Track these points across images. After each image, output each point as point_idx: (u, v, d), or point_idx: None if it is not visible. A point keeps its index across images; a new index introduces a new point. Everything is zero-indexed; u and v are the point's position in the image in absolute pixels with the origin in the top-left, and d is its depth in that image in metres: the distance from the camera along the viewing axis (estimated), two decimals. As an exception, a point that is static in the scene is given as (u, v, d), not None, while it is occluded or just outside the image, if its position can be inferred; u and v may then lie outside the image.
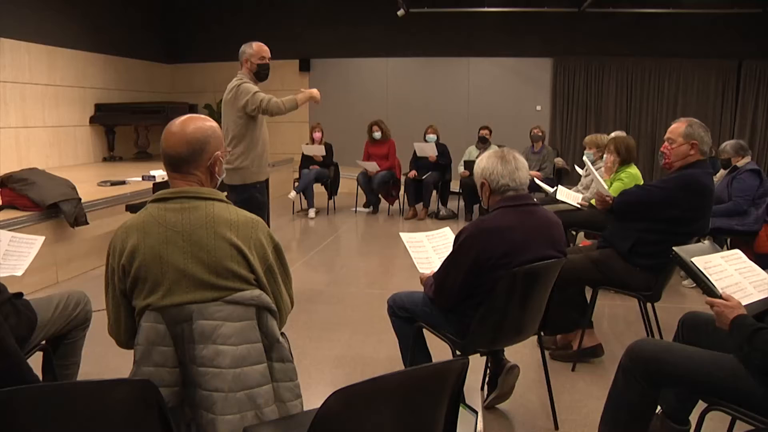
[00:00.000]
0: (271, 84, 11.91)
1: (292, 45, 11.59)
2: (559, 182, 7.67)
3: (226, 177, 4.28)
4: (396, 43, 11.25)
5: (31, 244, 3.21)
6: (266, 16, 11.58)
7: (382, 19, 10.92)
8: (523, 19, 10.59)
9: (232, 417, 1.91)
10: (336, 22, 11.35)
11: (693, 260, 2.40)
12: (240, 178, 4.50)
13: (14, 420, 1.56)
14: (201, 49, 11.92)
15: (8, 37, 8.00)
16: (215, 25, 11.78)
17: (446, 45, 11.12)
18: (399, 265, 6.28)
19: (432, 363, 1.85)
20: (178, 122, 2.05)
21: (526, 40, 10.87)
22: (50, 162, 8.26)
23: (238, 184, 4.48)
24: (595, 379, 3.53)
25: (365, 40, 11.34)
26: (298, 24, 11.49)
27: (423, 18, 10.63)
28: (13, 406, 1.55)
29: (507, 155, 2.75)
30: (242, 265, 1.98)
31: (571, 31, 10.71)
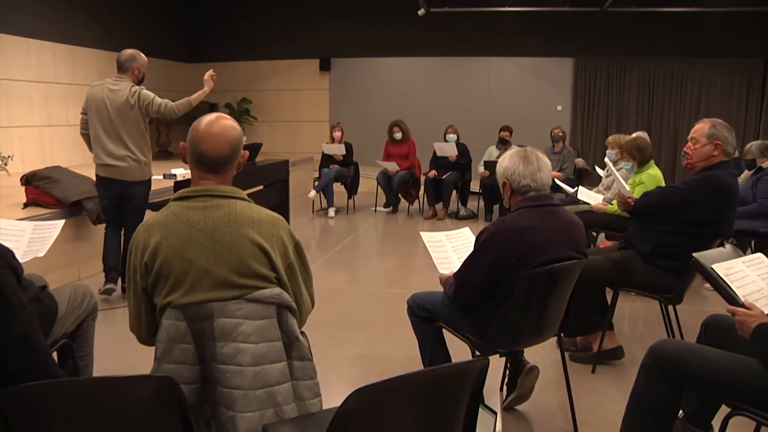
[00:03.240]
0: (291, 83, 12.11)
1: (313, 44, 11.63)
2: (579, 183, 7.62)
3: (136, 173, 4.82)
4: (416, 43, 11.23)
5: (52, 228, 3.26)
6: (287, 15, 11.63)
7: (402, 18, 10.91)
8: (544, 18, 10.53)
9: (251, 414, 1.92)
10: (356, 22, 11.37)
11: (713, 267, 2.32)
12: (147, 172, 4.98)
13: (39, 413, 1.59)
14: (222, 49, 11.99)
15: (34, 38, 8.12)
16: (236, 25, 11.85)
17: (467, 45, 11.09)
18: (418, 265, 6.27)
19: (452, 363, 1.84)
20: (217, 123, 2.05)
21: (547, 39, 10.80)
22: (73, 160, 8.34)
23: (143, 179, 4.94)
24: (615, 382, 3.50)
25: (386, 40, 11.34)
26: (319, 23, 11.52)
27: (444, 17, 10.61)
28: (38, 400, 1.58)
29: (529, 155, 2.73)
30: (264, 263, 1.99)
31: (592, 31, 10.62)
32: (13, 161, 5.87)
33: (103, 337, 2.99)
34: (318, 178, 9.00)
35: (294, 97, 12.04)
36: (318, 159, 9.47)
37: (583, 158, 9.43)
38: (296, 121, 12.12)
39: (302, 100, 12.01)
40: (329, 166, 8.95)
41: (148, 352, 2.12)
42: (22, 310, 2.08)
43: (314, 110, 11.97)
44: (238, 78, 12.10)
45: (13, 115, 7.83)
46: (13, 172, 5.81)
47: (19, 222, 3.37)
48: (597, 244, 5.72)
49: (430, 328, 2.96)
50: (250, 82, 12.09)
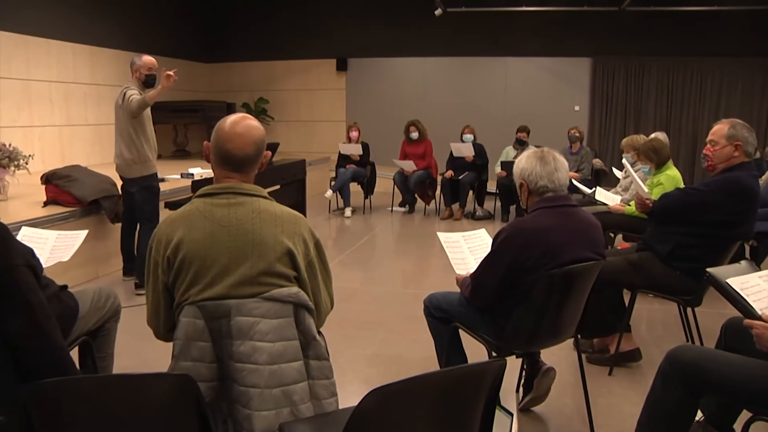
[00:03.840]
0: (308, 83, 12.15)
1: (330, 44, 11.66)
2: (597, 183, 7.57)
3: (131, 170, 5.00)
4: (433, 43, 11.22)
5: (75, 237, 3.31)
6: (304, 15, 11.67)
7: (419, 18, 10.91)
8: (561, 18, 10.48)
9: (268, 413, 1.93)
10: (373, 22, 11.38)
11: (728, 281, 2.28)
12: (143, 169, 5.08)
13: (57, 410, 1.60)
14: (239, 49, 12.05)
15: (55, 38, 8.21)
16: (253, 26, 11.90)
17: (484, 45, 11.06)
18: (434, 265, 6.26)
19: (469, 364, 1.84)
20: (241, 123, 2.07)
21: (565, 39, 10.75)
22: (92, 159, 8.42)
23: (138, 176, 5.08)
24: (632, 384, 3.48)
25: (402, 40, 11.34)
26: (336, 24, 11.54)
27: (460, 17, 10.59)
28: (57, 396, 1.60)
29: (546, 156, 2.72)
30: (285, 261, 2.00)
31: (610, 31, 10.55)
32: (34, 160, 5.92)
33: (120, 334, 3.01)
34: (334, 177, 9.01)
35: (311, 96, 12.07)
36: (334, 159, 9.49)
37: (601, 159, 9.37)
38: (313, 121, 12.15)
39: (319, 99, 12.04)
40: (346, 166, 8.96)
41: (165, 349, 2.13)
42: (41, 308, 2.11)
43: (331, 110, 12.00)
44: (255, 78, 12.16)
45: (34, 115, 7.92)
46: (33, 170, 5.88)
47: (43, 231, 3.43)
48: (615, 245, 5.68)
49: (447, 329, 2.95)
50: (267, 82, 12.13)
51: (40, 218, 4.98)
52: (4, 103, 7.47)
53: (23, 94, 7.76)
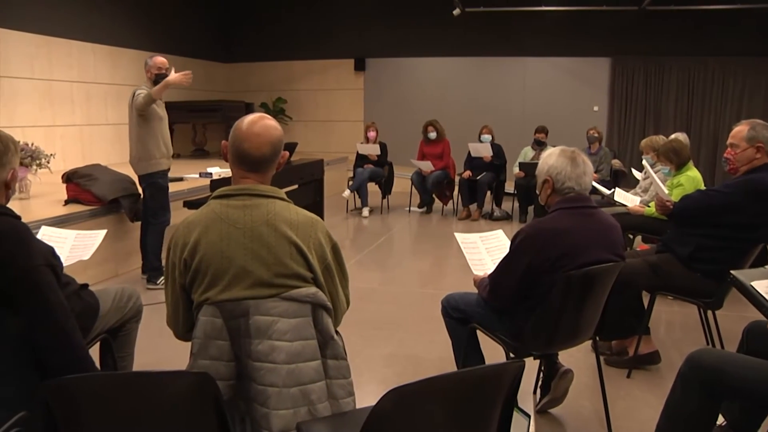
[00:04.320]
0: (326, 83, 12.18)
1: (348, 44, 11.68)
2: (616, 184, 7.52)
3: (139, 168, 5.09)
4: (452, 43, 11.20)
5: (94, 236, 3.34)
6: (322, 15, 11.69)
7: (437, 18, 10.89)
8: (580, 18, 10.42)
9: (285, 412, 1.94)
10: (391, 22, 11.38)
11: (753, 284, 2.27)
12: (149, 166, 5.16)
13: (78, 406, 1.62)
14: (257, 49, 12.11)
15: (76, 39, 8.30)
16: (272, 26, 11.94)
17: (502, 45, 11.02)
18: (452, 266, 6.25)
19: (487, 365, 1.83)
20: (259, 123, 2.07)
21: (584, 39, 10.68)
22: (112, 158, 8.49)
23: (145, 173, 5.17)
24: (651, 387, 3.45)
25: (421, 40, 11.33)
26: (354, 23, 11.56)
27: (479, 17, 10.56)
28: (78, 393, 1.61)
29: (577, 158, 2.69)
30: (301, 263, 2.00)
31: (630, 30, 10.47)
32: (55, 159, 5.99)
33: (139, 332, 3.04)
34: (352, 177, 9.02)
35: (329, 96, 12.09)
36: (352, 159, 9.50)
37: (620, 160, 9.30)
38: (331, 121, 12.17)
39: (337, 99, 12.06)
40: (363, 166, 8.97)
41: (183, 347, 2.15)
42: (60, 307, 2.13)
43: (349, 110, 12.01)
44: (273, 78, 12.20)
45: (56, 115, 8.01)
46: (54, 169, 5.95)
47: (62, 230, 3.47)
48: (634, 246, 5.64)
49: (464, 330, 2.94)
50: (286, 82, 12.18)
51: (61, 216, 5.04)
52: (27, 103, 7.56)
53: (45, 94, 7.85)
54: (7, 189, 2.24)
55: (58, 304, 2.14)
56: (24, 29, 7.49)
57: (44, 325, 2.11)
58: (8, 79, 7.31)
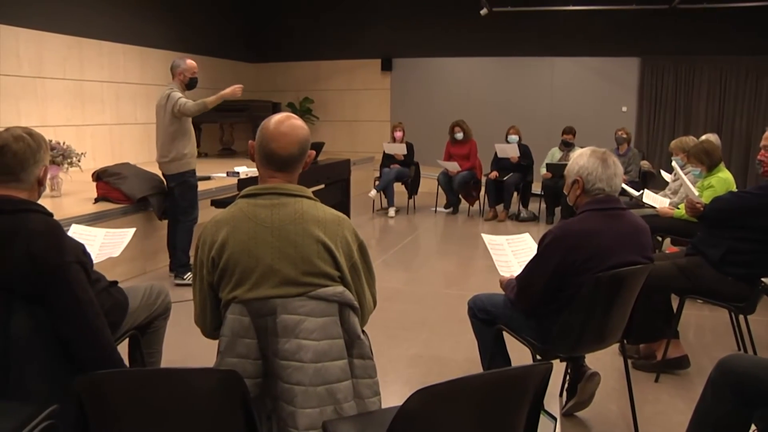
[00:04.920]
0: (353, 83, 12.21)
1: (374, 45, 11.68)
2: (644, 186, 7.43)
3: (169, 167, 5.18)
4: (479, 43, 11.15)
5: (123, 234, 3.38)
6: (349, 16, 11.71)
7: (464, 18, 10.85)
8: (609, 17, 10.29)
9: (311, 410, 1.94)
10: (418, 22, 11.36)
11: None
12: (180, 166, 5.26)
13: (109, 401, 1.65)
14: (285, 49, 12.16)
15: (107, 40, 8.42)
16: (299, 26, 11.99)
17: (529, 44, 10.94)
18: (478, 267, 6.23)
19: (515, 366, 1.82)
20: (286, 123, 2.08)
21: (613, 39, 10.56)
22: (140, 157, 8.60)
23: (176, 172, 5.27)
24: (679, 392, 3.40)
25: (448, 40, 11.30)
26: (381, 24, 11.56)
27: (506, 17, 10.50)
28: (109, 388, 1.64)
29: (608, 159, 2.67)
30: (328, 262, 2.01)
31: (660, 29, 10.32)
32: (85, 158, 6.09)
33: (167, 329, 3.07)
34: (379, 177, 9.03)
35: (355, 96, 12.11)
36: (379, 158, 9.51)
37: (649, 161, 9.19)
38: (357, 121, 12.19)
39: (364, 99, 12.07)
40: (390, 166, 8.97)
41: (209, 345, 2.16)
42: (90, 305, 2.16)
43: (375, 110, 12.02)
44: (300, 78, 12.26)
45: (86, 114, 8.14)
46: (85, 168, 6.04)
47: (92, 228, 3.52)
48: (663, 249, 5.57)
49: (491, 331, 2.93)
50: (312, 82, 12.22)
51: (91, 214, 5.12)
52: (59, 103, 7.69)
53: (77, 94, 7.97)
54: (39, 186, 2.28)
55: (88, 301, 2.17)
56: (57, 31, 7.62)
57: (74, 321, 2.14)
58: (41, 80, 7.44)
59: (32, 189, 2.25)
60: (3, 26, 6.93)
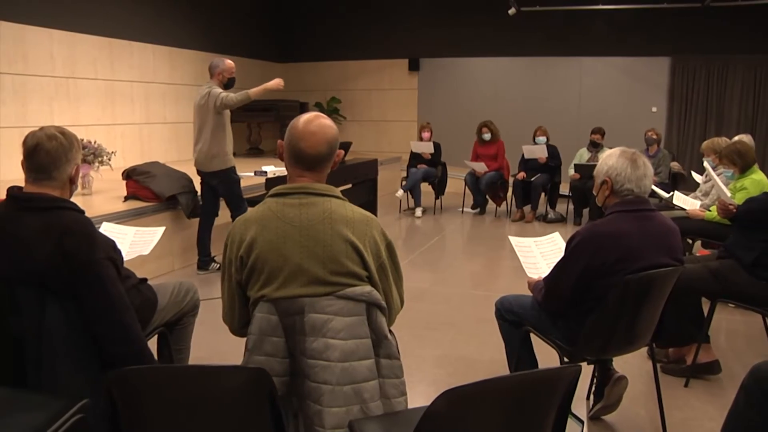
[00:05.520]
0: (380, 83, 12.23)
1: (402, 44, 11.68)
2: (674, 187, 7.33)
3: (211, 164, 5.27)
4: (507, 43, 11.09)
5: (153, 233, 3.42)
6: (376, 16, 11.73)
7: (492, 18, 10.80)
8: (639, 16, 10.17)
9: (338, 410, 1.95)
10: (446, 22, 11.33)
11: None
12: (223, 163, 5.39)
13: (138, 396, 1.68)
14: (312, 49, 12.21)
15: (137, 40, 8.53)
16: (326, 26, 12.04)
17: (558, 44, 10.85)
18: (505, 268, 6.20)
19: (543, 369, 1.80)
20: (315, 122, 2.08)
21: (642, 38, 10.42)
22: (169, 156, 8.69)
23: (218, 169, 5.38)
24: (710, 398, 3.34)
25: (475, 40, 11.25)
26: (408, 24, 11.55)
27: (534, 17, 10.43)
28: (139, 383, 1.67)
29: (638, 159, 2.64)
30: (356, 262, 2.01)
31: (691, 28, 10.15)
32: (115, 157, 6.17)
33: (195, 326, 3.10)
34: (406, 177, 9.02)
35: (383, 96, 12.12)
36: (406, 158, 9.50)
37: (679, 162, 9.06)
38: (385, 121, 12.20)
39: (391, 99, 12.07)
40: (417, 166, 8.96)
41: (236, 342, 2.18)
42: (120, 300, 2.19)
43: (403, 110, 12.01)
44: (327, 77, 12.29)
45: (116, 114, 8.25)
46: (115, 166, 6.12)
47: (122, 227, 3.57)
48: (693, 252, 5.49)
49: (518, 333, 2.92)
50: (340, 82, 12.25)
51: (121, 212, 5.18)
52: (90, 102, 7.81)
53: (107, 93, 8.08)
54: (71, 184, 2.32)
55: (118, 297, 2.20)
56: (89, 32, 7.73)
57: (105, 317, 2.17)
58: (74, 80, 7.56)
59: (64, 187, 2.28)
60: (38, 28, 7.06)
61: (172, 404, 1.68)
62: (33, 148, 2.21)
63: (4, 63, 6.72)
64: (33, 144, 2.22)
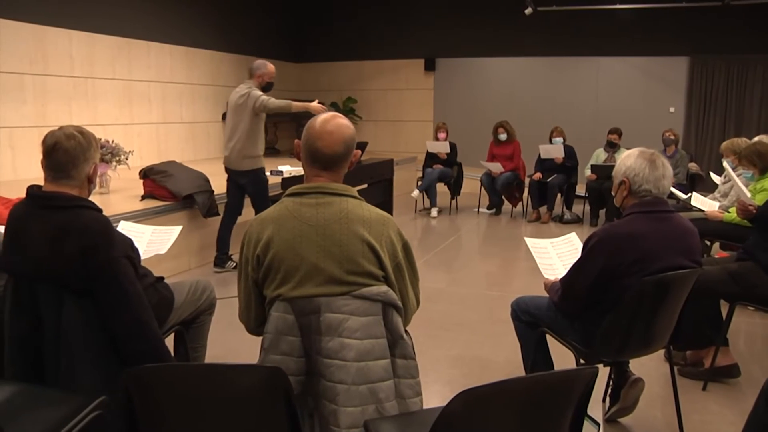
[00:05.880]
0: (396, 83, 12.23)
1: (418, 44, 11.68)
2: (692, 189, 7.27)
3: (242, 164, 5.32)
4: (523, 43, 11.05)
5: (170, 232, 3.44)
6: (392, 16, 11.73)
7: (509, 17, 10.77)
8: (657, 15, 10.09)
9: (353, 409, 1.95)
10: (462, 22, 11.31)
11: None
12: (254, 163, 5.46)
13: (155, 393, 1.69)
14: (328, 49, 12.24)
15: (154, 41, 8.59)
16: (342, 26, 12.06)
17: (575, 44, 10.79)
18: (520, 268, 6.17)
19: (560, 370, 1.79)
20: (332, 122, 2.09)
21: (660, 37, 10.34)
22: (185, 155, 8.75)
23: (249, 169, 5.44)
24: (729, 402, 3.30)
25: (491, 40, 11.22)
26: (424, 23, 11.54)
27: (551, 16, 10.38)
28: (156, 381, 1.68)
29: (657, 160, 2.62)
30: (372, 262, 2.01)
31: (711, 27, 10.05)
32: (133, 156, 6.22)
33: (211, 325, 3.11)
34: (421, 177, 9.01)
35: (399, 96, 12.12)
36: (421, 159, 9.49)
37: (697, 163, 8.98)
38: (400, 121, 12.20)
39: (407, 99, 12.07)
40: (433, 166, 8.94)
41: (252, 341, 2.18)
42: (137, 298, 2.21)
43: (419, 110, 12.01)
44: (343, 77, 12.31)
45: (134, 113, 8.31)
46: (132, 166, 6.17)
47: (140, 225, 3.60)
48: (711, 254, 5.43)
49: (534, 334, 2.90)
50: (356, 82, 12.27)
51: (138, 211, 5.22)
52: (108, 102, 7.87)
53: (125, 93, 8.15)
54: (89, 183, 2.34)
55: (135, 295, 2.21)
56: (107, 32, 7.80)
57: (122, 315, 2.19)
58: (92, 80, 7.63)
59: (82, 186, 2.30)
60: (58, 29, 7.13)
61: (188, 402, 1.69)
62: (52, 147, 2.24)
63: (25, 63, 6.80)
64: (52, 143, 2.24)
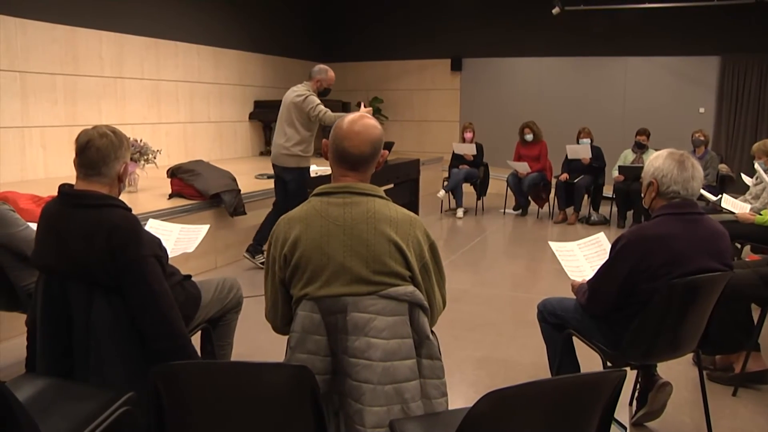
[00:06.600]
0: (422, 83, 12.22)
1: (445, 44, 11.65)
2: (723, 191, 7.16)
3: (288, 161, 5.42)
4: (550, 43, 10.97)
5: (198, 231, 3.47)
6: (419, 16, 11.72)
7: (536, 17, 10.70)
8: (687, 14, 9.95)
9: (379, 409, 1.95)
10: (489, 21, 11.27)
11: None
12: (300, 161, 5.56)
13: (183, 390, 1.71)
14: (354, 49, 12.26)
15: (182, 41, 8.68)
16: (369, 26, 12.08)
17: (603, 44, 10.69)
18: (546, 270, 6.13)
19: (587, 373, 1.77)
20: (359, 122, 2.09)
21: (690, 37, 10.20)
22: (213, 155, 8.83)
23: (295, 167, 5.54)
24: (761, 409, 3.24)
25: (518, 40, 11.16)
26: (451, 23, 11.52)
27: (578, 16, 10.29)
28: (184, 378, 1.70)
29: (686, 161, 2.59)
30: (399, 262, 2.01)
31: (743, 26, 9.87)
32: (161, 155, 6.29)
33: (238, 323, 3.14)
34: (447, 177, 8.99)
35: (425, 96, 12.11)
36: (447, 159, 9.48)
37: (727, 164, 8.84)
38: (427, 121, 12.18)
39: (433, 99, 12.05)
40: (459, 167, 8.92)
41: (278, 340, 2.19)
42: (165, 297, 2.23)
43: (445, 110, 11.98)
44: (370, 77, 12.33)
45: (162, 113, 8.41)
46: (160, 164, 6.24)
47: (168, 224, 3.63)
48: (742, 257, 5.35)
49: (561, 335, 2.88)
50: (382, 82, 12.28)
51: (166, 210, 5.27)
52: (136, 101, 7.98)
53: (153, 93, 8.25)
54: (119, 182, 2.37)
55: (163, 294, 2.24)
56: (136, 33, 7.90)
57: (149, 312, 2.22)
58: (121, 80, 7.73)
59: (113, 184, 2.34)
60: (88, 30, 7.24)
61: (215, 399, 1.70)
62: (84, 145, 2.28)
63: (56, 64, 6.91)
64: (85, 141, 2.28)
